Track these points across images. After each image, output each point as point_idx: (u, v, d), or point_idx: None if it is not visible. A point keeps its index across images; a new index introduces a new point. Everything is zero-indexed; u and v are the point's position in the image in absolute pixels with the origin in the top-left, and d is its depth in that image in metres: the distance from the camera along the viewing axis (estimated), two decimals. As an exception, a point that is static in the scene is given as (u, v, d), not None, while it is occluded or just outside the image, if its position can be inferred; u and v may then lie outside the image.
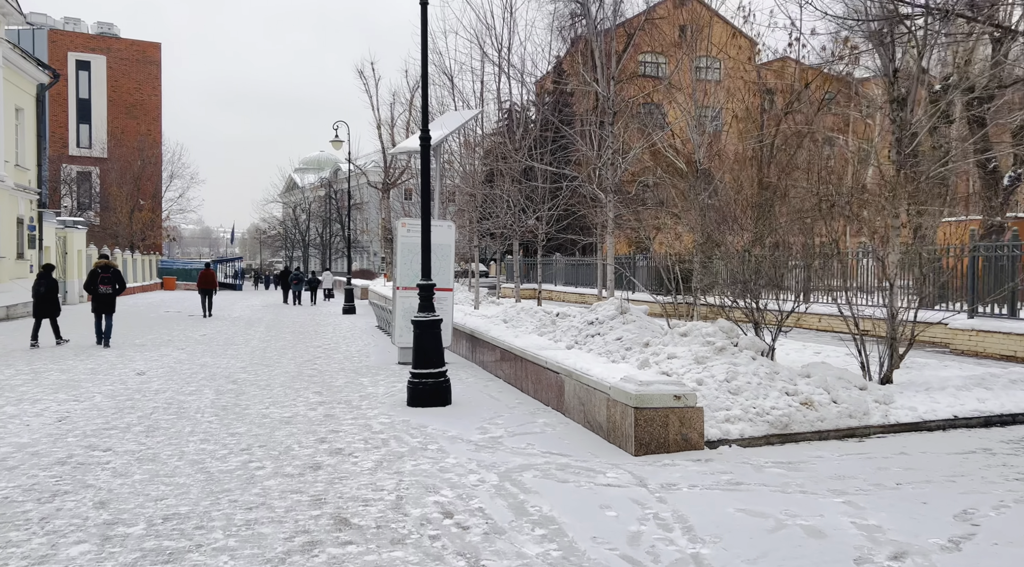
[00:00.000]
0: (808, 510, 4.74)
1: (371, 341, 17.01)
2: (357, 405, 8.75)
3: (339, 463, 6.09)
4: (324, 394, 9.56)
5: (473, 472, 5.75)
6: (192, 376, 11.21)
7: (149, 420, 7.87)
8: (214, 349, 15.12)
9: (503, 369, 10.69)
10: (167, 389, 9.95)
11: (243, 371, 11.80)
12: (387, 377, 11.07)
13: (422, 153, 8.64)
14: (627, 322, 9.52)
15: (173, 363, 12.81)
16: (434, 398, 8.51)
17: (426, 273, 8.74)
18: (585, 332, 9.92)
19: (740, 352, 7.16)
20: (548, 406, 8.50)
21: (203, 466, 6.02)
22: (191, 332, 19.12)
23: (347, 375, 11.35)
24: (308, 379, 10.92)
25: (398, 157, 45.48)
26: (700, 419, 6.34)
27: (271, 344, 16.26)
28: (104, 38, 61.90)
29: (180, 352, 14.55)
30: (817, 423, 6.56)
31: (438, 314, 8.72)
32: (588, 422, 7.28)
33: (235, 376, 11.21)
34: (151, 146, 58.62)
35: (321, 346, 15.82)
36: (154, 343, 16.36)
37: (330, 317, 25.82)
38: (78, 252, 34.03)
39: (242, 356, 13.91)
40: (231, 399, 9.17)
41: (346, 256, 51.71)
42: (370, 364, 12.72)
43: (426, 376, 8.54)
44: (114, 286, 15.38)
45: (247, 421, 7.83)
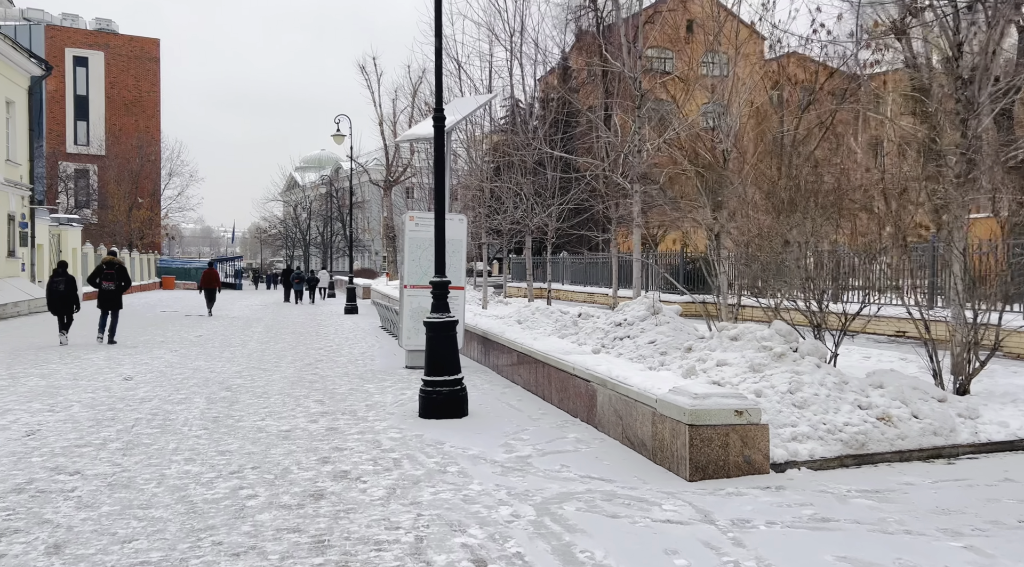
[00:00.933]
0: (926, 559, 3.84)
1: (375, 342, 16.12)
2: (363, 416, 7.85)
3: (345, 490, 5.19)
4: (326, 403, 8.66)
5: (504, 503, 4.85)
6: (183, 382, 10.32)
7: (129, 434, 6.97)
8: (209, 351, 14.23)
9: (521, 374, 9.80)
10: (154, 397, 9.06)
11: (238, 376, 10.91)
12: (395, 383, 10.18)
13: (436, 136, 7.75)
14: (660, 323, 8.64)
15: (164, 367, 11.92)
16: (449, 409, 7.62)
17: (440, 269, 7.85)
18: (613, 334, 9.03)
19: (802, 359, 6.27)
20: (576, 418, 7.61)
21: (185, 494, 5.13)
22: (187, 333, 18.24)
23: (351, 381, 10.46)
24: (309, 385, 10.03)
25: (400, 154, 44.67)
26: (765, 438, 5.45)
27: (270, 346, 15.38)
28: (102, 34, 61.04)
29: (173, 354, 13.67)
30: (897, 441, 5.67)
31: (453, 315, 7.82)
32: (627, 438, 6.38)
33: (229, 382, 10.32)
34: (150, 143, 57.77)
35: (323, 348, 14.93)
36: (147, 345, 15.47)
37: (331, 317, 24.94)
38: (73, 250, 33.18)
39: (238, 359, 13.02)
40: (223, 409, 8.28)
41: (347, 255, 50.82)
42: (375, 368, 11.83)
43: (440, 384, 7.64)
44: (118, 283, 15.27)
45: (240, 436, 6.93)
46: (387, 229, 48.93)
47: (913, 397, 6.05)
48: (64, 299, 15.09)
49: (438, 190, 7.79)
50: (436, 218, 7.76)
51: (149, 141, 58.18)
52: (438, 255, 7.81)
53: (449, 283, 7.84)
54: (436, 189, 7.80)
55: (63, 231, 32.05)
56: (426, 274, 11.37)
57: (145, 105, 61.42)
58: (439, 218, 7.77)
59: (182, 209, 60.86)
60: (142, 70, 61.61)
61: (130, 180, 53.53)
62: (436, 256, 7.80)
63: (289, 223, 74.69)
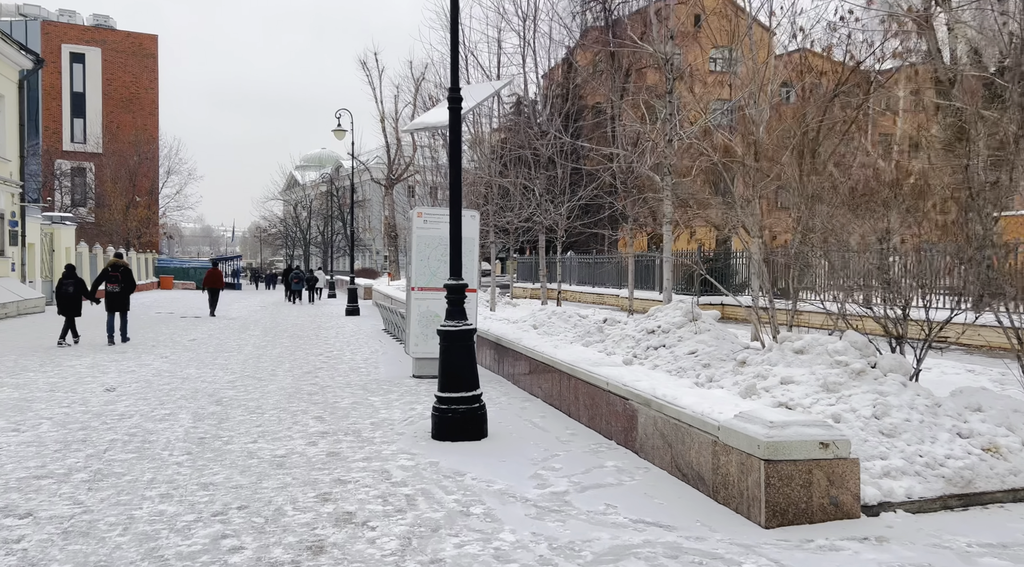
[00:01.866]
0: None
1: (379, 347, 15.20)
2: (369, 437, 6.93)
3: (350, 541, 4.27)
4: (327, 420, 7.75)
5: (547, 564, 3.93)
6: (170, 394, 9.40)
7: (100, 461, 6.05)
8: (202, 357, 13.31)
9: (541, 386, 8.88)
10: (135, 412, 8.14)
11: (231, 386, 9.99)
12: (403, 395, 9.26)
13: (451, 119, 6.83)
14: (699, 331, 7.72)
15: (151, 375, 11.01)
16: (467, 430, 6.70)
17: (455, 270, 6.92)
18: (645, 343, 8.12)
19: (884, 377, 5.34)
20: (611, 440, 6.69)
21: (155, 546, 4.21)
22: (180, 336, 17.32)
23: (354, 392, 9.54)
24: (307, 398, 9.11)
25: (403, 152, 43.74)
26: (855, 475, 4.53)
27: (266, 351, 14.46)
28: (99, 30, 60.13)
29: (163, 361, 12.75)
30: (1009, 478, 4.75)
31: (469, 322, 6.90)
32: (678, 469, 5.46)
33: (221, 394, 9.40)
34: (147, 141, 56.87)
35: (323, 354, 14.01)
36: (136, 349, 14.56)
37: (332, 319, 24.02)
38: (66, 250, 32.26)
39: (232, 366, 12.10)
40: (211, 428, 7.36)
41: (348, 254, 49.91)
42: (380, 377, 10.91)
43: (456, 401, 6.72)
44: (123, 285, 15.33)
45: (227, 463, 6.02)
46: (388, 228, 48.02)
47: (1018, 422, 5.13)
48: (73, 301, 15.08)
49: (453, 181, 6.87)
50: (451, 212, 6.84)
51: (147, 138, 57.28)
52: (454, 254, 6.89)
53: (466, 286, 6.92)
54: (451, 179, 6.89)
55: (56, 230, 31.12)
56: (435, 275, 10.47)
57: (143, 102, 60.50)
58: (455, 212, 6.85)
59: (180, 208, 60.00)
60: (140, 66, 60.68)
61: (127, 178, 52.65)
62: (452, 255, 6.88)
63: (289, 222, 73.79)
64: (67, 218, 32.97)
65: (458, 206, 6.84)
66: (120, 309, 15.30)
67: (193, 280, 53.44)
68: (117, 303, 15.26)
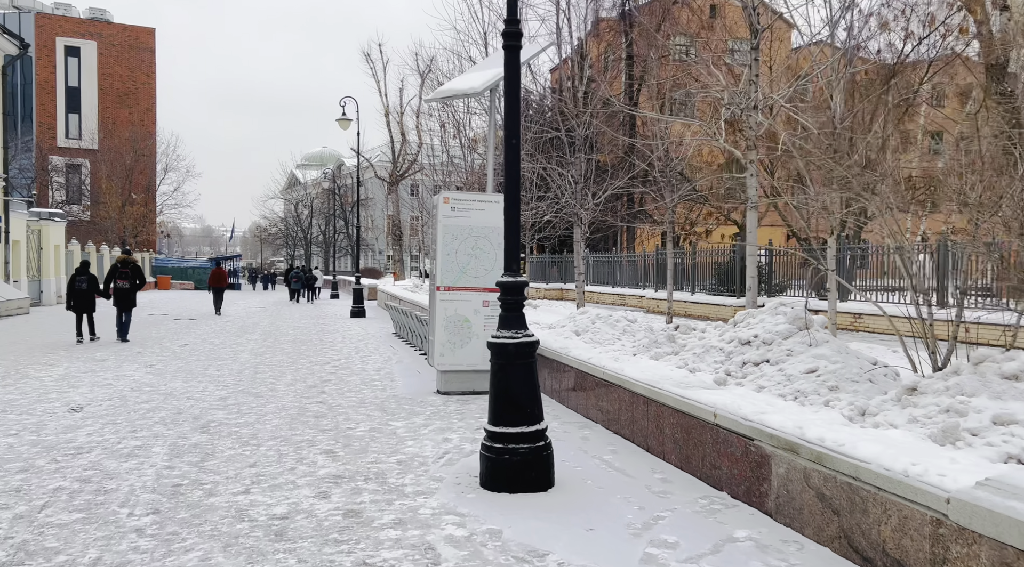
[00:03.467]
0: None
1: (391, 354, 13.52)
2: (397, 484, 5.25)
3: None
4: (340, 456, 6.06)
5: None
6: (147, 416, 7.72)
7: (29, 528, 4.38)
8: (191, 366, 11.64)
9: (601, 408, 7.21)
10: (97, 443, 6.46)
11: (221, 405, 8.31)
12: (430, 419, 7.57)
13: (507, 60, 5.14)
14: (815, 344, 6.05)
15: (129, 390, 9.33)
16: (530, 478, 5.01)
17: (511, 263, 5.22)
18: (739, 357, 6.44)
19: None
20: (721, 490, 5.01)
21: None
22: (170, 341, 15.64)
23: (370, 414, 7.86)
24: (314, 422, 7.42)
25: (407, 148, 42.06)
26: None
27: (265, 359, 12.78)
28: (95, 23, 58.45)
29: (146, 371, 11.08)
30: None
31: (530, 332, 5.20)
32: (857, 550, 3.78)
33: (208, 416, 7.71)
34: (144, 137, 55.15)
35: (329, 362, 12.33)
36: (118, 356, 12.89)
37: (336, 321, 22.34)
38: (55, 248, 30.57)
39: (225, 379, 10.42)
40: (191, 468, 5.68)
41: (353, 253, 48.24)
42: (399, 393, 9.22)
43: (515, 439, 5.03)
44: (132, 282, 15.51)
45: (207, 530, 4.34)
46: (393, 227, 46.35)
47: None
48: (86, 298, 15.18)
49: (511, 143, 5.17)
50: (508, 184, 5.14)
51: (144, 135, 55.56)
52: (510, 241, 5.19)
53: (526, 284, 5.22)
54: (507, 139, 5.19)
55: (44, 227, 29.43)
56: (464, 272, 8.80)
57: (140, 97, 58.80)
58: (512, 184, 5.14)
59: (178, 206, 58.28)
60: (136, 60, 58.98)
61: (123, 175, 50.96)
62: (508, 242, 5.17)
63: (290, 221, 72.18)
64: (56, 214, 31.27)
65: (516, 176, 5.14)
66: (128, 306, 15.46)
67: (191, 280, 51.79)
68: (127, 300, 15.45)
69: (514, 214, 5.13)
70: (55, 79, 56.57)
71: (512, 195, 5.13)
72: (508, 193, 5.13)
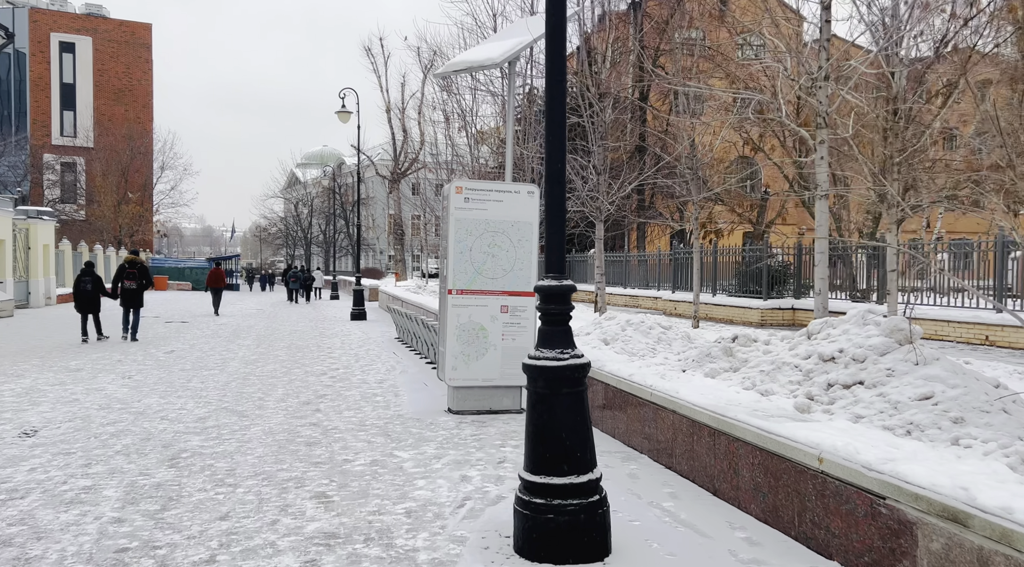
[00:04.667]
0: None
1: (395, 363, 12.34)
2: (407, 550, 4.06)
3: None
4: (335, 502, 4.88)
5: None
6: (108, 442, 6.55)
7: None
8: (174, 378, 10.47)
9: (647, 434, 6.03)
10: (37, 485, 5.28)
11: (199, 429, 7.13)
12: (443, 447, 6.39)
13: (551, 9, 3.95)
14: (924, 363, 4.88)
15: (96, 408, 8.16)
16: (581, 544, 3.82)
17: (555, 260, 4.01)
18: (821, 377, 5.27)
19: None
20: (831, 559, 3.82)
21: None
22: (156, 347, 14.47)
23: (371, 440, 6.67)
24: (305, 453, 6.24)
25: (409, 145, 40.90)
26: None
27: (256, 368, 11.61)
28: (91, 18, 57.30)
29: (121, 383, 9.91)
30: None
31: (580, 352, 4.00)
32: None
33: (181, 443, 6.54)
34: (141, 135, 53.96)
35: (326, 373, 11.15)
36: (94, 365, 11.74)
37: (336, 324, 21.16)
38: (44, 247, 29.38)
39: (208, 394, 9.25)
40: (144, 522, 4.50)
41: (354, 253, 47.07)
42: (404, 412, 8.04)
43: (561, 492, 3.84)
44: (140, 282, 15.62)
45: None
46: (394, 226, 45.18)
47: None
48: (91, 299, 15.30)
49: (553, 94, 3.97)
50: (550, 151, 3.93)
51: (140, 132, 54.39)
52: (553, 231, 3.98)
53: (572, 289, 4.01)
54: (549, 95, 3.99)
55: (31, 225, 28.23)
56: (479, 272, 7.63)
57: (136, 93, 57.66)
58: (554, 153, 3.94)
59: (175, 205, 57.04)
60: (133, 57, 57.84)
61: (119, 173, 49.77)
62: (550, 232, 3.96)
63: (290, 221, 71.06)
64: (45, 213, 30.06)
65: (561, 144, 3.93)
66: (136, 306, 15.55)
67: (189, 281, 50.61)
68: (133, 299, 15.54)
69: (558, 194, 3.93)
70: (49, 75, 55.44)
71: (555, 169, 3.93)
72: (550, 167, 3.93)
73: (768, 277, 17.36)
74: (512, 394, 8.01)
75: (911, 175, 8.81)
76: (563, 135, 3.93)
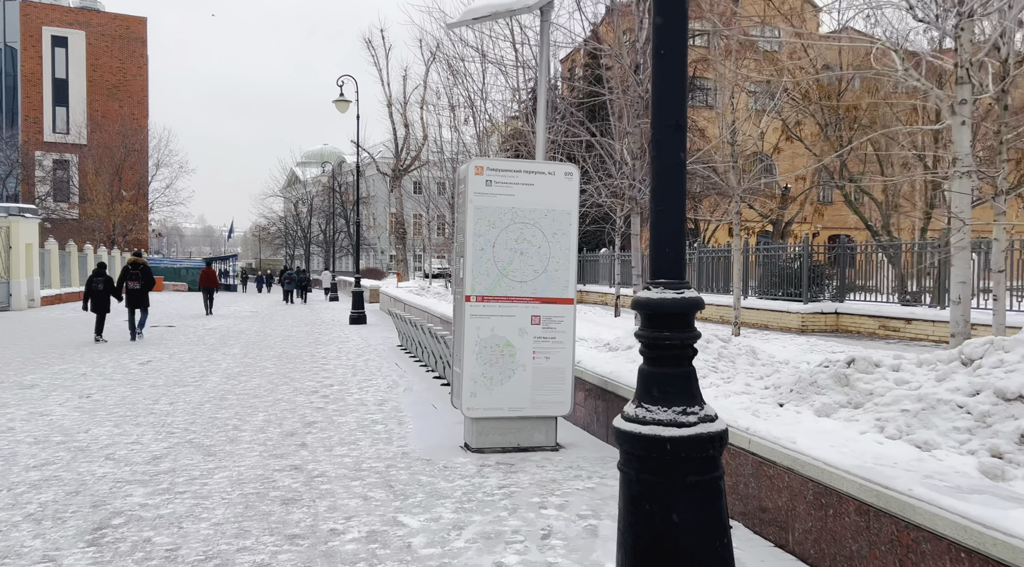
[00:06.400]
0: None
1: (396, 377, 10.75)
2: None
3: None
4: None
5: None
6: (20, 499, 4.97)
7: None
8: (139, 397, 8.90)
9: (737, 492, 4.44)
10: None
11: (148, 475, 5.55)
12: (462, 508, 4.79)
13: None
14: None
15: (28, 442, 6.59)
16: None
17: (670, 257, 2.41)
18: (1009, 424, 3.70)
19: None
20: None
21: None
22: (130, 358, 12.88)
23: (368, 495, 5.09)
24: (279, 518, 4.65)
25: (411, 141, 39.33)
26: None
27: (238, 384, 10.03)
28: (84, 11, 55.72)
29: (76, 405, 8.34)
30: None
31: (712, 411, 2.40)
32: None
33: (115, 503, 4.95)
34: (135, 131, 52.30)
35: (318, 390, 9.57)
36: (52, 380, 10.19)
37: (333, 328, 19.58)
38: (27, 246, 27.81)
39: (174, 420, 7.66)
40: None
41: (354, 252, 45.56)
42: (410, 447, 6.45)
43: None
44: (143, 283, 15.71)
45: None
46: (396, 225, 43.58)
47: None
48: (103, 299, 15.48)
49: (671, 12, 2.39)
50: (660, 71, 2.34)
51: (135, 129, 52.74)
52: (666, 211, 2.38)
53: (699, 304, 2.43)
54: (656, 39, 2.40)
55: (13, 223, 26.67)
56: (505, 274, 6.06)
57: (131, 89, 56.07)
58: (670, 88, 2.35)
59: (171, 203, 55.35)
60: (127, 51, 56.25)
61: (112, 170, 48.16)
62: (660, 214, 2.37)
63: (290, 220, 69.55)
64: (27, 210, 28.48)
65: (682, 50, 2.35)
66: (141, 306, 15.74)
67: (185, 281, 48.98)
68: (138, 300, 15.69)
69: (676, 143, 2.33)
70: (41, 71, 53.86)
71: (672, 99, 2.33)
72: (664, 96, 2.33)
73: (809, 278, 15.75)
74: (545, 427, 6.42)
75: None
76: (684, 41, 2.32)
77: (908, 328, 13.67)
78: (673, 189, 2.35)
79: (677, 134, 2.32)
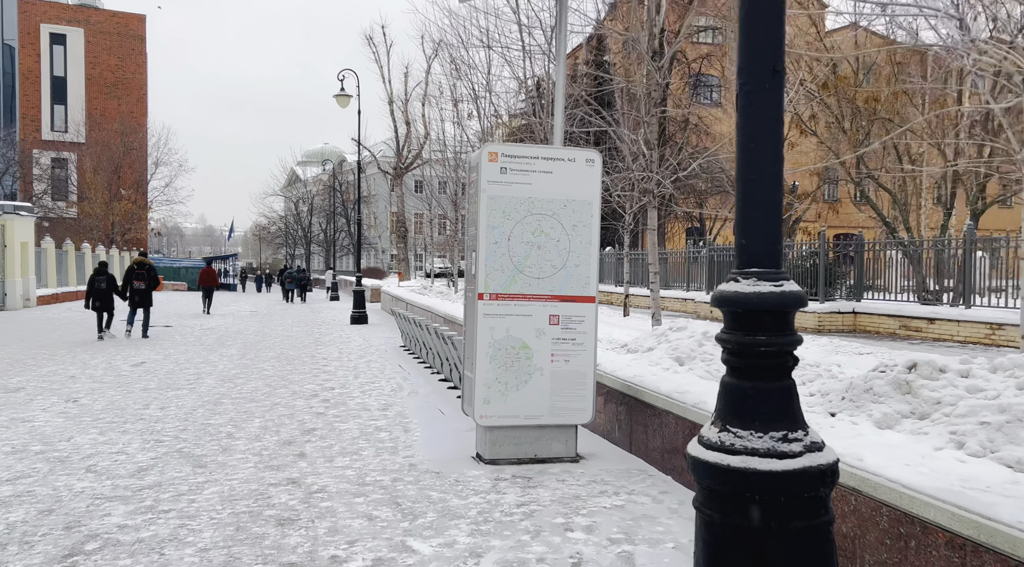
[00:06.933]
0: None
1: (401, 379, 10.24)
2: None
3: None
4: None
5: None
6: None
7: None
8: (128, 401, 8.39)
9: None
10: None
11: (129, 492, 5.04)
12: (478, 531, 4.27)
13: None
14: None
15: (6, 452, 6.08)
16: None
17: (764, 243, 1.91)
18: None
19: None
20: None
21: None
22: (123, 359, 12.37)
23: (372, 514, 4.58)
24: (273, 542, 4.14)
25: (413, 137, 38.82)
26: None
27: (234, 387, 9.52)
28: (83, 9, 55.16)
29: (61, 410, 7.84)
30: None
31: (818, 439, 1.89)
32: None
33: (91, 524, 4.44)
34: (134, 129, 51.76)
35: (318, 393, 9.06)
36: (40, 383, 9.70)
37: (334, 328, 19.07)
38: (22, 245, 27.31)
39: (164, 426, 7.15)
40: None
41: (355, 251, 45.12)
42: (418, 458, 5.94)
43: None
44: (147, 282, 15.92)
45: None
46: (397, 224, 43.06)
47: None
48: (105, 297, 15.61)
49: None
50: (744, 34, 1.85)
51: (134, 127, 52.22)
52: (760, 191, 1.88)
53: (800, 300, 1.93)
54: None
55: (8, 221, 26.17)
56: (520, 270, 5.55)
57: (129, 87, 55.54)
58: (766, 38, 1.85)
59: (170, 202, 54.76)
60: (126, 49, 55.72)
61: (111, 169, 47.62)
62: (749, 195, 1.87)
63: (290, 219, 69.06)
64: (23, 208, 27.97)
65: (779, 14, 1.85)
66: (145, 305, 15.92)
67: (185, 281, 48.45)
68: (142, 300, 15.84)
69: (773, 93, 1.82)
70: (39, 68, 53.32)
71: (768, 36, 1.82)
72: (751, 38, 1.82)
73: (826, 276, 15.23)
74: (564, 436, 5.90)
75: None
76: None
77: (931, 328, 13.15)
78: (768, 152, 1.84)
79: (775, 80, 1.81)
